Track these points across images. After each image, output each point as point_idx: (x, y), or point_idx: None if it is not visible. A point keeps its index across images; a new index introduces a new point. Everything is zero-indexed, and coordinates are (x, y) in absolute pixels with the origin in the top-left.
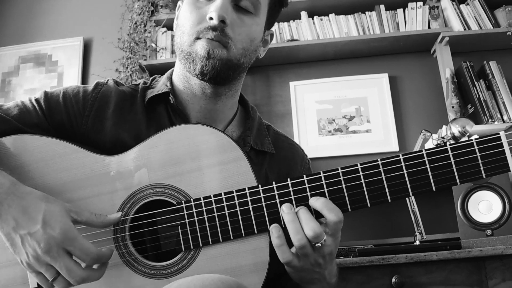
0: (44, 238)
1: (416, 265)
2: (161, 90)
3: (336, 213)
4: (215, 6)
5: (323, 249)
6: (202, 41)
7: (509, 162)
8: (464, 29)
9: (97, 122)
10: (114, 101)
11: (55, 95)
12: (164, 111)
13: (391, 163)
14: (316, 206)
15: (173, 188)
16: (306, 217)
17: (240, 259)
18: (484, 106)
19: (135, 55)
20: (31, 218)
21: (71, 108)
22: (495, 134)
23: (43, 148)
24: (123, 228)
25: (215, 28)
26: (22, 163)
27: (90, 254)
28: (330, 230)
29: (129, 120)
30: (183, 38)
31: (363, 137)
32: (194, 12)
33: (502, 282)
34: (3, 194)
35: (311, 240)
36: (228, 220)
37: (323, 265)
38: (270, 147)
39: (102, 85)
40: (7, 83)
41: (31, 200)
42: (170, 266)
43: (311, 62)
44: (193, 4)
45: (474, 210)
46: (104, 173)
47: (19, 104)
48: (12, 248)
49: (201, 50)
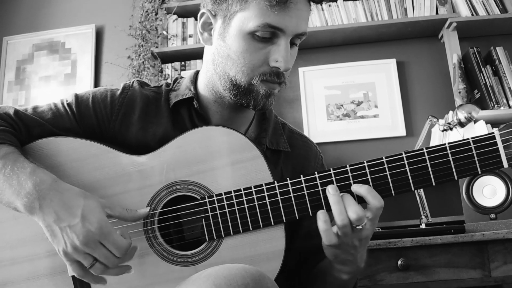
0: (83, 231)
1: (421, 248)
2: (186, 95)
3: (378, 199)
4: (282, 56)
5: (362, 232)
6: (266, 84)
7: (503, 159)
8: (471, 15)
9: (123, 127)
10: (139, 107)
11: (85, 99)
12: (187, 114)
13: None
14: (361, 192)
15: (197, 185)
16: (350, 202)
17: (258, 248)
18: (490, 92)
19: (147, 43)
20: (71, 212)
21: (99, 113)
22: (490, 133)
23: (77, 149)
24: (152, 221)
25: (279, 75)
26: (58, 162)
27: (121, 247)
28: (371, 215)
29: (155, 122)
30: (239, 74)
31: (371, 122)
32: (254, 53)
33: (504, 265)
34: (46, 190)
35: (353, 223)
36: (247, 213)
37: (358, 247)
38: (286, 146)
39: (128, 89)
40: (22, 70)
41: (71, 195)
42: (196, 254)
43: (319, 48)
44: (250, 42)
45: (479, 194)
46: (133, 172)
47: (53, 107)
48: (52, 238)
49: (263, 91)
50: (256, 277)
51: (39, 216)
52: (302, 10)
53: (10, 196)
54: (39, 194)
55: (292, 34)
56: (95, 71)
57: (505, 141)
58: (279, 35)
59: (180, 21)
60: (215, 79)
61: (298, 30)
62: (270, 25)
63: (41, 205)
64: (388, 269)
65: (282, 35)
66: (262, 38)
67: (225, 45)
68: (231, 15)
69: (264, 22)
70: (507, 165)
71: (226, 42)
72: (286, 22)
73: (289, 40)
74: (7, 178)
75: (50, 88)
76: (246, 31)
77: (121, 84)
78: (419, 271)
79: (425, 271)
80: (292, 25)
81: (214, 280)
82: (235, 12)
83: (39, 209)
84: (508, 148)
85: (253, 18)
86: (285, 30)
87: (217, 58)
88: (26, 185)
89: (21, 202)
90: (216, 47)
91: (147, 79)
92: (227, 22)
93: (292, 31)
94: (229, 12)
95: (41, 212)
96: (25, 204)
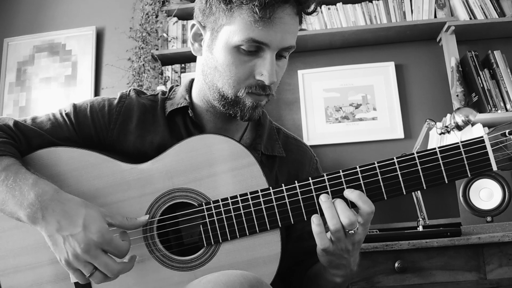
0: (84, 240)
1: (418, 251)
2: (181, 104)
3: (369, 204)
4: (267, 70)
5: (354, 236)
6: (251, 97)
7: (492, 162)
8: (470, 18)
9: (121, 135)
10: (136, 115)
11: (83, 109)
12: (182, 122)
13: (388, 164)
14: (351, 198)
15: (194, 192)
16: (342, 207)
17: (255, 252)
18: (488, 95)
19: (147, 45)
20: (73, 221)
21: (97, 122)
22: (479, 137)
23: (76, 159)
24: (151, 228)
25: (264, 88)
26: (58, 172)
27: (123, 251)
28: (362, 219)
29: (152, 131)
30: (225, 86)
31: (369, 124)
32: (240, 66)
33: (499, 267)
34: (48, 200)
35: (346, 227)
36: (244, 218)
37: (351, 251)
38: (280, 151)
39: (125, 98)
40: (23, 72)
41: (72, 205)
42: (194, 260)
43: (318, 51)
44: (236, 55)
45: (475, 197)
46: (132, 180)
47: (51, 118)
48: (53, 247)
49: (249, 103)
50: (254, 283)
51: (42, 225)
52: (289, 24)
53: (13, 207)
54: (42, 205)
55: (278, 48)
56: (95, 73)
57: (494, 144)
58: (264, 49)
59: (180, 23)
60: (205, 89)
61: (284, 45)
62: (255, 40)
63: (43, 215)
64: (385, 271)
65: (267, 49)
66: (247, 52)
67: (213, 57)
68: (218, 28)
69: (249, 37)
70: (496, 168)
71: (214, 54)
72: (271, 37)
73: (274, 53)
74: (10, 189)
75: (51, 90)
76: (232, 45)
77: (118, 93)
78: (416, 273)
79: (422, 273)
80: (277, 39)
81: (213, 286)
82: (221, 25)
83: (42, 219)
84: (497, 151)
85: (238, 33)
86: (270, 44)
87: (206, 69)
88: (28, 196)
89: (24, 213)
90: (205, 58)
91: (148, 81)
92: (214, 34)
93: (277, 46)
94: (216, 25)
95: (44, 222)
96: (28, 214)
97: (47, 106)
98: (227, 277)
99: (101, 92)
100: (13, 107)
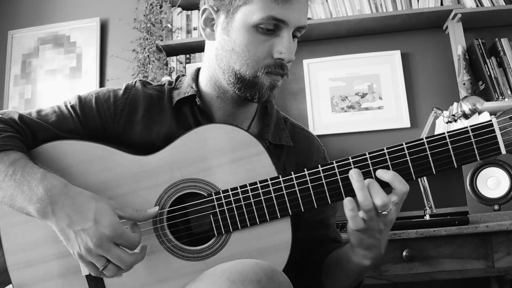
0: (96, 234)
1: (425, 239)
2: (188, 93)
3: (404, 184)
4: (285, 47)
5: (387, 216)
6: (270, 76)
7: (501, 146)
8: (476, 6)
9: (127, 127)
10: (142, 106)
11: (88, 101)
12: (190, 111)
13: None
14: (386, 178)
15: (203, 182)
16: (376, 188)
17: (266, 241)
18: (495, 83)
19: (151, 36)
20: (83, 216)
21: (103, 114)
22: (488, 121)
23: (83, 151)
24: (161, 219)
25: (282, 67)
26: (65, 165)
27: (135, 243)
28: (397, 199)
29: (159, 121)
30: (244, 67)
31: (375, 113)
32: (258, 45)
33: (507, 255)
34: (57, 195)
35: (379, 209)
36: (254, 207)
37: (383, 231)
38: (288, 140)
39: (131, 89)
40: (28, 64)
41: (82, 199)
42: (205, 249)
43: (324, 40)
44: (254, 34)
45: (483, 185)
46: (140, 172)
47: (56, 110)
48: (66, 241)
49: (267, 83)
50: (268, 272)
51: (52, 220)
52: (303, 3)
53: (22, 202)
54: (51, 199)
55: (294, 27)
56: (100, 64)
57: (503, 128)
58: (282, 27)
59: (184, 14)
60: (218, 74)
61: (300, 23)
62: (274, 18)
63: (53, 210)
64: (393, 260)
65: (285, 27)
66: (266, 31)
67: (229, 39)
68: (235, 9)
69: (268, 14)
70: (505, 151)
71: (230, 36)
72: (289, 14)
73: (291, 32)
74: (18, 184)
75: (56, 82)
76: (251, 24)
77: (123, 84)
78: (424, 261)
79: (430, 262)
80: (295, 17)
81: (228, 275)
82: (238, 6)
83: (52, 214)
84: (506, 135)
85: (257, 11)
86: (288, 22)
87: (221, 53)
88: (37, 190)
89: (34, 208)
90: (219, 42)
91: (153, 72)
92: (230, 16)
93: (295, 24)
94: (232, 7)
95: (54, 217)
96: (38, 209)
97: (53, 98)
98: (242, 266)
99: (106, 83)
100: (18, 100)
